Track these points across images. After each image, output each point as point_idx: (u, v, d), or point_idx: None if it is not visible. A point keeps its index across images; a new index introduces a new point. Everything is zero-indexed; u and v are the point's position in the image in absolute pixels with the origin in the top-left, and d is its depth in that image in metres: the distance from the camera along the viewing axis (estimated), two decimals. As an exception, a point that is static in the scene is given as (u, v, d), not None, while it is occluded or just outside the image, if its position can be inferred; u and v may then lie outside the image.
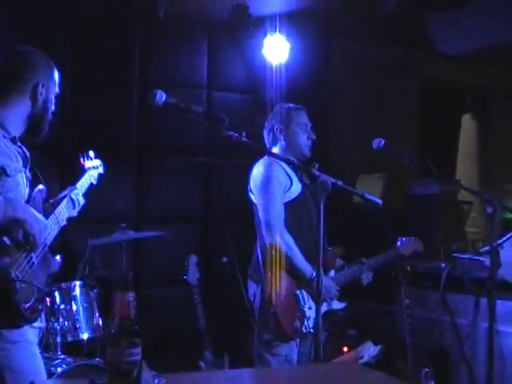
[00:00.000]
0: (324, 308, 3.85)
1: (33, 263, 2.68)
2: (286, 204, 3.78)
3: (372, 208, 5.24)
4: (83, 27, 5.23)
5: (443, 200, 5.20)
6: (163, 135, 5.60)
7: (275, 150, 3.96)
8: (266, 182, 3.78)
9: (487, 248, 4.20)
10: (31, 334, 2.74)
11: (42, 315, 2.96)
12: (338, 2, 5.29)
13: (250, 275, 3.91)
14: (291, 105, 4.06)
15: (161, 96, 2.95)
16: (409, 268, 4.80)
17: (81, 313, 4.23)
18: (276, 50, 5.55)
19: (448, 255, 4.82)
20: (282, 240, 3.68)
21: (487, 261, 4.06)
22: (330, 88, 6.07)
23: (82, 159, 3.28)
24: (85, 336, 4.22)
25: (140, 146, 5.61)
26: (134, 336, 1.95)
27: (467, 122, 6.85)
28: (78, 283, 4.23)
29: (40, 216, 2.73)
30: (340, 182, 3.05)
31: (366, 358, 3.66)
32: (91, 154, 3.30)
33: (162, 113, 5.51)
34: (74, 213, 3.06)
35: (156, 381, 2.13)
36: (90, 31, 5.23)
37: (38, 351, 2.79)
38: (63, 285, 4.06)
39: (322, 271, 3.04)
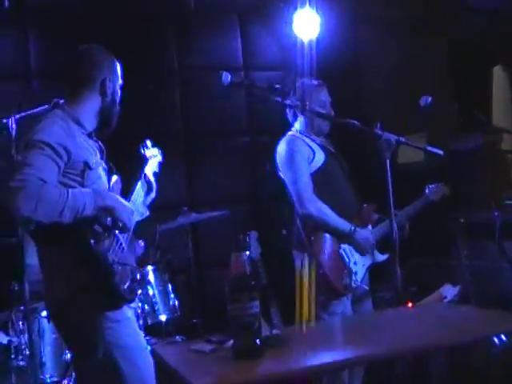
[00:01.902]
0: (368, 261, 4.00)
1: (123, 248, 2.85)
2: (312, 174, 3.91)
3: (416, 168, 5.42)
4: (118, 26, 5.41)
5: (487, 151, 5.28)
6: (206, 119, 5.76)
7: (297, 124, 4.09)
8: (290, 156, 3.92)
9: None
10: (130, 313, 2.89)
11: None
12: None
13: (294, 246, 4.02)
14: (313, 81, 4.13)
15: (226, 76, 3.10)
16: (463, 220, 4.91)
17: (157, 296, 4.45)
18: (306, 24, 5.61)
19: (499, 204, 4.91)
20: (313, 207, 3.81)
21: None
22: (360, 54, 6.15)
23: (141, 149, 3.38)
24: (163, 317, 4.44)
25: (185, 132, 5.77)
26: (252, 290, 2.12)
27: (498, 74, 6.88)
28: (150, 268, 4.43)
29: (127, 203, 2.90)
30: (402, 139, 3.21)
31: (449, 298, 3.79)
32: (149, 143, 3.41)
33: (203, 97, 5.77)
34: (153, 195, 3.23)
35: (273, 331, 2.29)
36: (125, 28, 5.40)
37: (138, 328, 2.94)
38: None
39: (394, 219, 3.23)
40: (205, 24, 5.81)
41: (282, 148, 4.01)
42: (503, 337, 4.24)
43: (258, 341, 2.14)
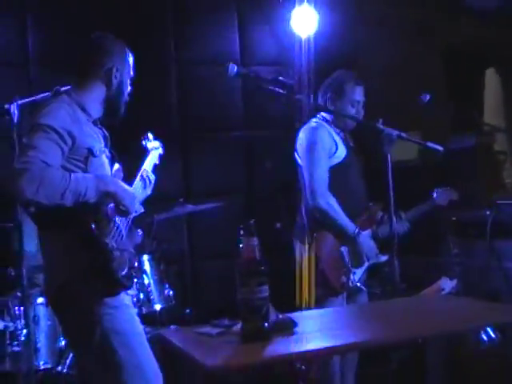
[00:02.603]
0: (370, 261, 4.05)
1: (122, 234, 2.88)
2: (331, 167, 3.93)
3: (410, 165, 5.48)
4: (117, 15, 5.42)
5: (480, 151, 5.36)
6: (202, 112, 5.80)
7: (324, 113, 4.08)
8: (311, 146, 3.92)
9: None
10: (127, 299, 2.92)
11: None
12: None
13: (295, 236, 4.08)
14: (351, 75, 4.10)
15: (232, 68, 3.13)
16: (454, 219, 4.98)
17: (152, 285, 4.47)
18: (304, 20, 5.64)
19: (490, 203, 4.98)
20: (324, 201, 3.85)
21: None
22: (357, 52, 6.20)
23: (143, 141, 3.41)
24: (158, 307, 4.47)
25: (182, 124, 5.81)
26: (262, 275, 2.16)
27: (491, 77, 6.98)
28: (146, 257, 4.45)
29: (129, 188, 2.93)
30: (403, 134, 3.27)
31: (447, 290, 3.85)
32: (150, 135, 3.43)
33: (200, 90, 5.80)
34: (148, 191, 3.25)
35: (280, 316, 2.34)
36: (124, 18, 5.41)
37: (135, 314, 2.96)
38: (133, 260, 4.27)
39: (393, 217, 3.29)
40: (202, 17, 5.83)
41: (303, 135, 4.01)
42: (491, 333, 4.34)
43: (266, 324, 2.19)
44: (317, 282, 3.85)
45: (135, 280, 3.30)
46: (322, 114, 4.07)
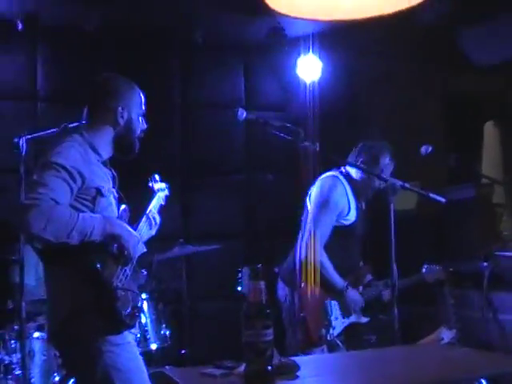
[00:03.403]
0: (348, 320, 4.11)
1: (127, 275, 2.90)
2: (337, 226, 4.00)
3: (408, 216, 5.53)
4: (125, 56, 5.52)
5: (479, 203, 5.42)
6: (204, 155, 5.88)
7: (352, 170, 4.10)
8: (325, 201, 3.98)
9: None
10: (130, 337, 2.92)
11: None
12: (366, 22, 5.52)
13: (282, 277, 4.15)
14: (389, 151, 4.16)
15: (242, 113, 3.20)
16: (451, 269, 5.01)
17: (149, 325, 4.47)
18: (309, 68, 5.77)
19: (488, 255, 5.02)
20: (318, 258, 3.90)
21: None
22: (358, 101, 6.30)
23: (150, 182, 3.44)
24: (153, 346, 4.46)
25: (183, 166, 5.89)
26: (267, 318, 2.19)
27: (490, 130, 7.08)
28: (144, 296, 4.45)
29: (133, 232, 2.95)
30: (407, 185, 3.34)
31: (446, 340, 3.86)
32: (157, 177, 3.47)
33: (203, 133, 5.88)
34: (152, 232, 3.26)
35: (283, 359, 2.36)
36: (131, 59, 5.51)
37: (138, 353, 2.95)
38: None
39: (394, 266, 3.34)
40: (209, 60, 5.95)
41: (322, 185, 4.07)
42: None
43: (269, 367, 2.21)
44: (297, 328, 3.89)
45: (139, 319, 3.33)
46: (348, 168, 4.11)
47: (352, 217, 4.03)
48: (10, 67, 5.42)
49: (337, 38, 5.75)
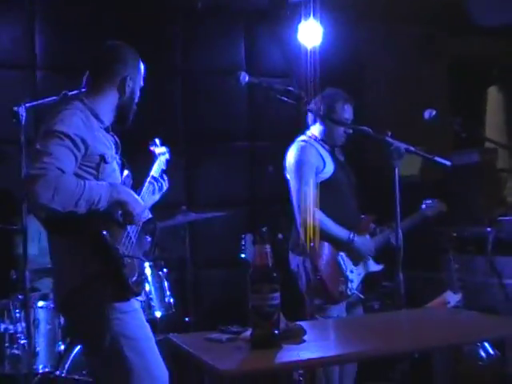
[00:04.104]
0: (361, 272, 4.12)
1: (132, 241, 2.89)
2: (320, 183, 3.99)
3: (412, 181, 5.50)
4: (126, 23, 5.45)
5: (484, 168, 5.39)
6: (207, 121, 5.85)
7: (314, 128, 4.15)
8: (298, 165, 4.00)
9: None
10: (137, 304, 2.92)
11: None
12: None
13: (291, 249, 4.13)
14: (341, 94, 4.15)
15: (244, 76, 3.15)
16: (455, 234, 5.01)
17: (153, 292, 4.47)
18: (310, 34, 5.70)
19: (492, 220, 5.02)
20: (313, 217, 3.88)
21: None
22: (361, 65, 6.25)
23: (151, 146, 3.41)
24: (158, 314, 4.46)
25: (186, 133, 5.84)
26: (274, 282, 2.17)
27: (493, 95, 7.04)
28: (147, 264, 4.44)
29: (139, 198, 2.93)
30: (412, 148, 3.30)
31: (452, 303, 3.88)
32: (157, 141, 3.44)
33: (205, 99, 5.84)
34: (156, 197, 3.26)
35: (290, 324, 2.35)
36: (132, 26, 5.44)
37: (145, 320, 2.95)
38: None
39: (399, 226, 3.34)
40: (210, 26, 5.87)
41: (292, 154, 4.08)
42: (490, 350, 4.36)
43: (276, 331, 2.20)
44: (316, 291, 3.88)
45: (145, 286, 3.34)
46: (311, 130, 4.15)
47: (329, 169, 4.03)
48: (7, 35, 5.33)
49: (337, 1, 5.69)
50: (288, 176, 4.09)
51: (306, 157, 4.00)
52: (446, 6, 5.57)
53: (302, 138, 4.13)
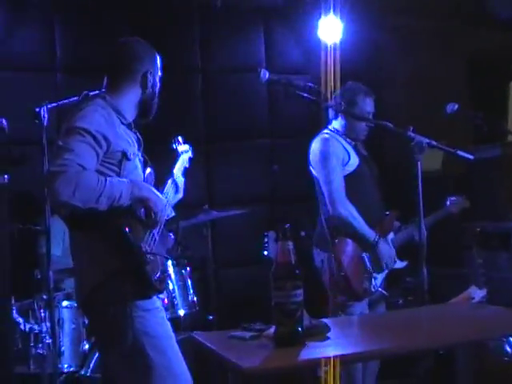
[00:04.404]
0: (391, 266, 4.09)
1: (155, 239, 2.89)
2: (345, 176, 3.97)
3: (434, 176, 5.47)
4: (145, 21, 5.47)
5: (506, 162, 5.33)
6: (227, 119, 5.86)
7: (335, 123, 4.14)
8: (325, 157, 3.97)
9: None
10: (158, 303, 2.92)
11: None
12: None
13: (315, 244, 4.10)
14: (362, 87, 4.16)
15: (264, 74, 3.16)
16: (479, 230, 4.98)
17: (176, 291, 4.49)
18: (330, 30, 5.67)
19: (515, 215, 4.96)
20: (344, 209, 3.88)
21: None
22: (380, 62, 6.21)
23: (173, 144, 3.43)
24: (181, 312, 4.48)
25: (207, 131, 5.87)
26: (297, 279, 2.17)
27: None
28: (170, 263, 4.46)
29: (161, 195, 2.94)
30: (434, 142, 3.29)
31: (477, 299, 3.86)
32: (180, 139, 3.45)
33: (225, 97, 5.84)
34: (180, 195, 3.26)
35: (314, 321, 2.34)
36: (151, 25, 5.46)
37: (166, 318, 2.95)
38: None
39: (423, 222, 3.32)
40: (229, 24, 5.88)
41: (316, 147, 4.05)
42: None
43: (299, 329, 2.19)
44: (339, 287, 3.87)
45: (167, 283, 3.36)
46: (333, 125, 4.14)
47: (354, 162, 4.02)
48: (28, 39, 5.39)
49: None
50: (313, 170, 4.06)
51: (332, 148, 3.98)
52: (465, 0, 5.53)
53: (325, 131, 4.11)
